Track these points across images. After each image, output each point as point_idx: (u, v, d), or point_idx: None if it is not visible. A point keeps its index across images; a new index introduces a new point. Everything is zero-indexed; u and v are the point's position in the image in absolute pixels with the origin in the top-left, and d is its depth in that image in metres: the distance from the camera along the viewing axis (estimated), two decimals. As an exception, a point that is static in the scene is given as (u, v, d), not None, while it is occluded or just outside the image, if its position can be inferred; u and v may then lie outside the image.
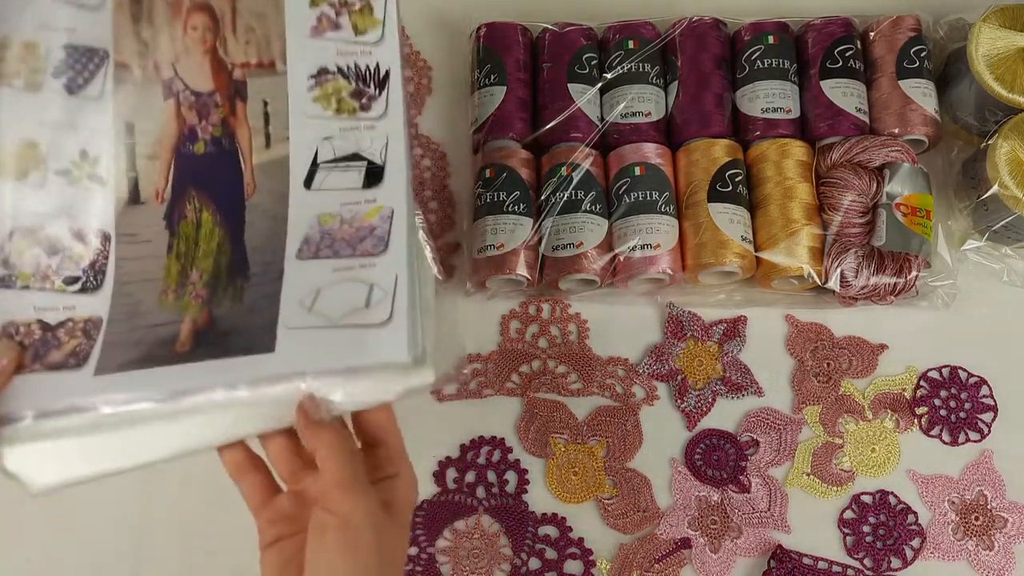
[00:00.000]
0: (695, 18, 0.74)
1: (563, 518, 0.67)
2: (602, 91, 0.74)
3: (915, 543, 0.67)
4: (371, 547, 0.42)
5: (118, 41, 0.49)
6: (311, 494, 0.44)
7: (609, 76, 0.74)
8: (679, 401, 0.70)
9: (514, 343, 0.72)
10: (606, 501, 0.68)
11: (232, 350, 0.45)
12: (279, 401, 0.44)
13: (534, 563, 0.66)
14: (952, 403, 0.70)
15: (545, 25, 0.75)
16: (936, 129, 0.72)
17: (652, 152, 0.71)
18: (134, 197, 0.50)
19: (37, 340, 0.45)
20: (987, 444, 0.69)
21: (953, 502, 0.68)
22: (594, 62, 0.74)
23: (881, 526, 0.67)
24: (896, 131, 0.71)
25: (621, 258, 0.69)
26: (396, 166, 0.50)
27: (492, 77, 0.73)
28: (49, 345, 0.45)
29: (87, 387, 0.44)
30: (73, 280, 0.48)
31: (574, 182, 0.70)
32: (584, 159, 0.71)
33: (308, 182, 0.51)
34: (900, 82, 0.72)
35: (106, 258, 0.48)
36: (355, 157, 0.51)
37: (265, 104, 0.52)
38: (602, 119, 0.73)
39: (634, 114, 0.72)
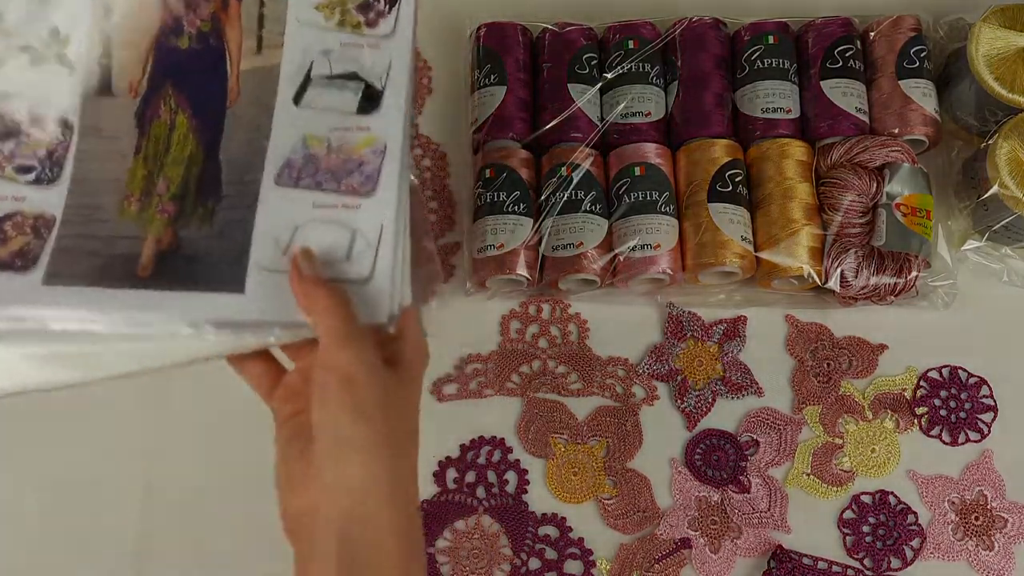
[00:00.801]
0: (695, 18, 0.74)
1: (563, 518, 0.67)
2: (602, 91, 0.74)
3: (915, 543, 0.67)
4: (376, 402, 0.39)
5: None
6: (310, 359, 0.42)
7: (609, 76, 0.74)
8: (679, 401, 0.70)
9: (514, 343, 0.72)
10: (606, 501, 0.68)
11: (198, 281, 0.43)
12: (246, 344, 0.43)
13: (534, 563, 0.66)
14: (952, 403, 0.70)
15: (545, 25, 0.75)
16: (936, 129, 0.72)
17: (652, 152, 0.71)
18: (104, 87, 0.46)
19: None
20: (987, 444, 0.69)
21: (953, 502, 0.68)
22: (594, 62, 0.74)
23: (881, 526, 0.67)
24: (896, 131, 0.71)
25: (621, 258, 0.69)
26: (395, 94, 0.47)
27: (492, 77, 0.73)
28: None
29: (35, 296, 0.41)
30: (26, 169, 0.44)
31: (574, 182, 0.70)
32: (584, 159, 0.70)
33: (298, 97, 0.47)
34: (900, 82, 0.72)
35: (66, 150, 0.44)
36: (353, 76, 0.47)
37: (261, 4, 0.48)
38: (602, 119, 0.73)
39: (634, 114, 0.72)
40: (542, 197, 0.71)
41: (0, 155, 0.44)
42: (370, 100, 0.47)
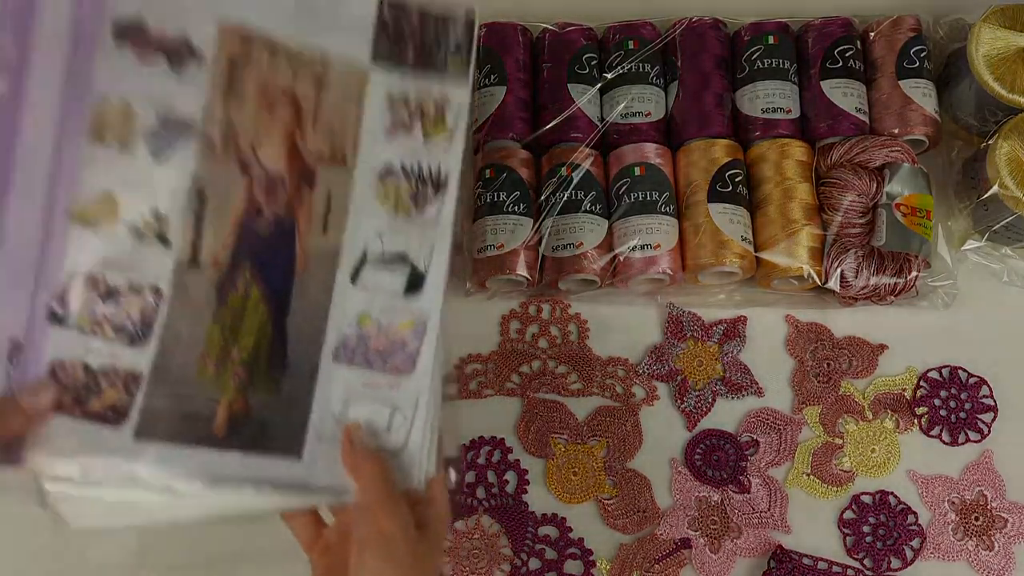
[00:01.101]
0: (695, 18, 0.74)
1: (563, 518, 0.67)
2: (602, 91, 0.74)
3: (915, 543, 0.67)
4: (409, 559, 0.46)
5: (208, 116, 0.51)
6: (352, 518, 0.49)
7: (609, 76, 0.74)
8: (679, 401, 0.70)
9: (514, 343, 0.72)
10: (606, 501, 0.68)
11: (263, 445, 0.49)
12: (297, 503, 0.50)
13: (534, 563, 0.66)
14: (952, 403, 0.70)
15: (545, 25, 0.75)
16: (936, 129, 0.72)
17: (652, 152, 0.71)
18: (193, 261, 0.51)
19: (80, 384, 0.47)
20: (987, 444, 0.69)
21: (953, 502, 0.68)
22: (594, 62, 0.74)
23: (881, 526, 0.67)
24: (896, 131, 0.71)
25: (621, 258, 0.69)
26: (436, 278, 0.54)
27: (492, 77, 0.73)
28: (90, 391, 0.47)
29: (126, 450, 0.46)
30: (122, 329, 0.49)
31: (574, 182, 0.70)
32: (584, 159, 0.71)
33: (354, 276, 0.53)
34: (900, 82, 0.72)
35: (156, 314, 0.50)
36: (401, 258, 0.54)
37: (329, 193, 0.53)
38: (602, 119, 0.73)
39: (634, 114, 0.72)
40: (542, 197, 0.71)
41: (102, 315, 0.49)
42: (415, 282, 0.53)
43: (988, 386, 0.70)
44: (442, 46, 0.55)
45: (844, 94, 0.72)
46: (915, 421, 0.70)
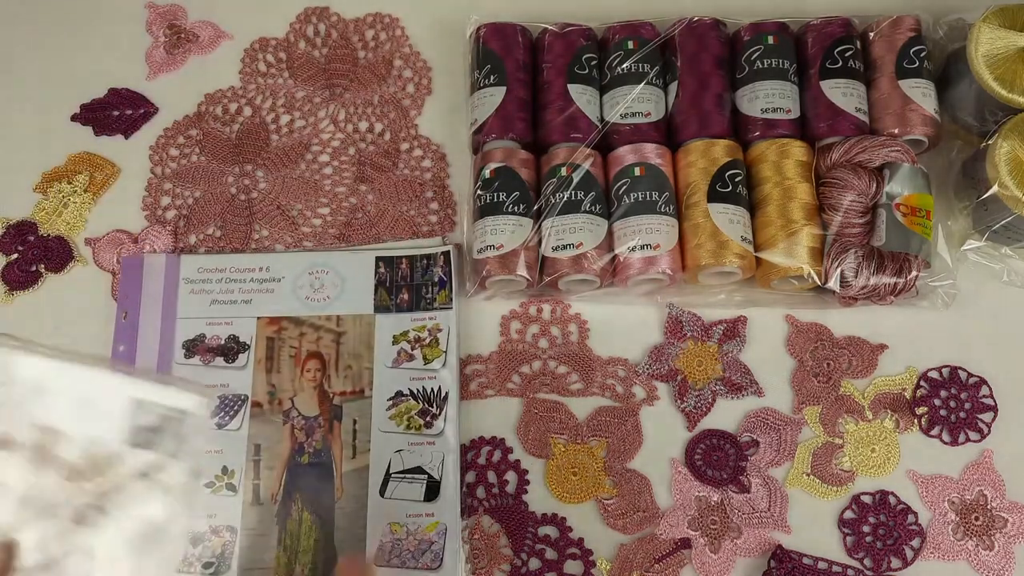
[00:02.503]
0: (695, 18, 0.74)
1: (563, 518, 0.67)
2: (602, 91, 0.74)
3: (915, 543, 0.67)
4: None
5: (255, 387, 0.67)
6: None
7: (609, 76, 0.74)
8: (679, 401, 0.70)
9: (514, 343, 0.72)
10: (606, 501, 0.68)
11: None
12: None
13: (534, 563, 0.66)
14: (952, 403, 0.70)
15: (545, 25, 0.76)
16: (936, 129, 0.72)
17: (652, 152, 0.71)
18: (256, 499, 0.65)
19: None
20: (987, 444, 0.69)
21: (953, 502, 0.68)
22: (594, 62, 0.74)
23: (881, 526, 0.67)
24: (896, 131, 0.71)
25: (621, 258, 0.69)
26: (450, 482, 0.66)
27: (492, 77, 0.73)
28: None
29: None
30: (209, 565, 0.63)
31: (574, 182, 0.70)
32: (584, 159, 0.71)
33: (383, 490, 0.65)
34: (900, 82, 0.72)
35: (233, 547, 0.64)
36: (418, 470, 0.66)
37: (354, 422, 0.67)
38: (602, 119, 0.73)
39: (634, 114, 0.72)
40: (542, 198, 0.71)
41: (193, 557, 0.63)
42: (431, 490, 0.65)
43: (988, 386, 0.70)
44: (429, 286, 0.70)
45: (844, 94, 0.72)
46: (915, 421, 0.70)
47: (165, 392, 0.49)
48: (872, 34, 0.74)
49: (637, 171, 0.70)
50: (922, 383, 0.71)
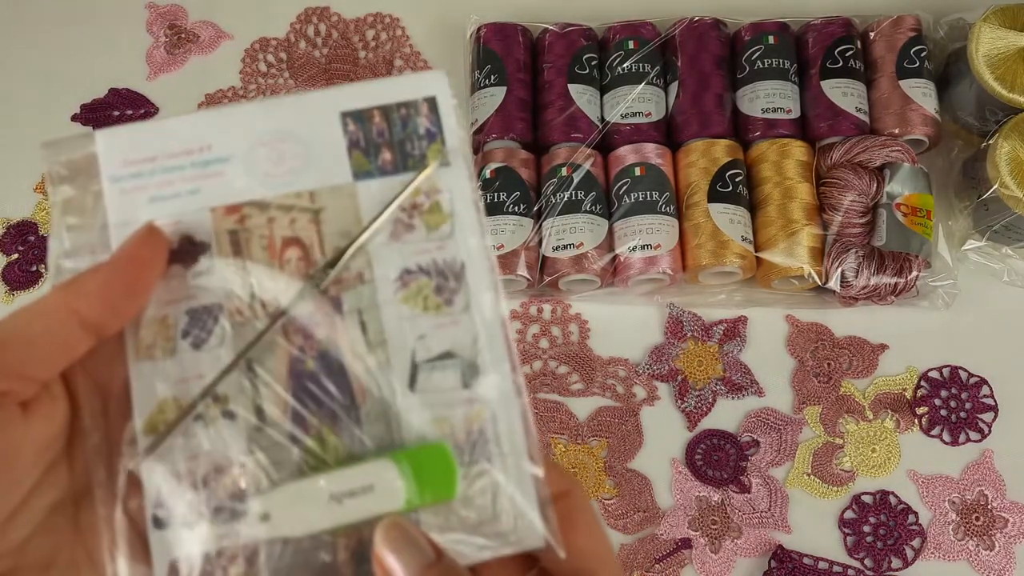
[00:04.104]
0: (695, 18, 0.74)
1: (564, 518, 0.67)
2: (602, 91, 0.74)
3: (916, 543, 0.67)
4: None
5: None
6: None
7: (609, 76, 0.74)
8: (680, 401, 0.70)
9: (515, 344, 0.72)
10: (606, 501, 0.68)
11: None
12: None
13: (535, 563, 0.66)
14: (952, 403, 0.70)
15: (545, 25, 0.75)
16: (936, 129, 0.72)
17: (652, 152, 0.71)
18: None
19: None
20: (987, 444, 0.69)
21: (953, 502, 0.68)
22: (594, 62, 0.74)
23: (881, 526, 0.67)
24: (896, 131, 0.71)
25: (621, 258, 0.69)
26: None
27: (492, 77, 0.73)
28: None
29: None
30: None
31: (574, 182, 0.70)
32: (584, 159, 0.71)
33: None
34: (900, 82, 0.72)
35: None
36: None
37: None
38: (602, 119, 0.73)
39: (634, 114, 0.72)
40: (542, 197, 0.71)
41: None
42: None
43: (988, 386, 0.70)
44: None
45: (844, 94, 0.72)
46: (915, 421, 0.70)
47: (371, 89, 0.42)
48: (872, 34, 0.74)
49: (638, 171, 0.70)
50: (922, 383, 0.71)
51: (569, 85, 0.73)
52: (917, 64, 0.72)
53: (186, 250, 0.53)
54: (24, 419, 0.29)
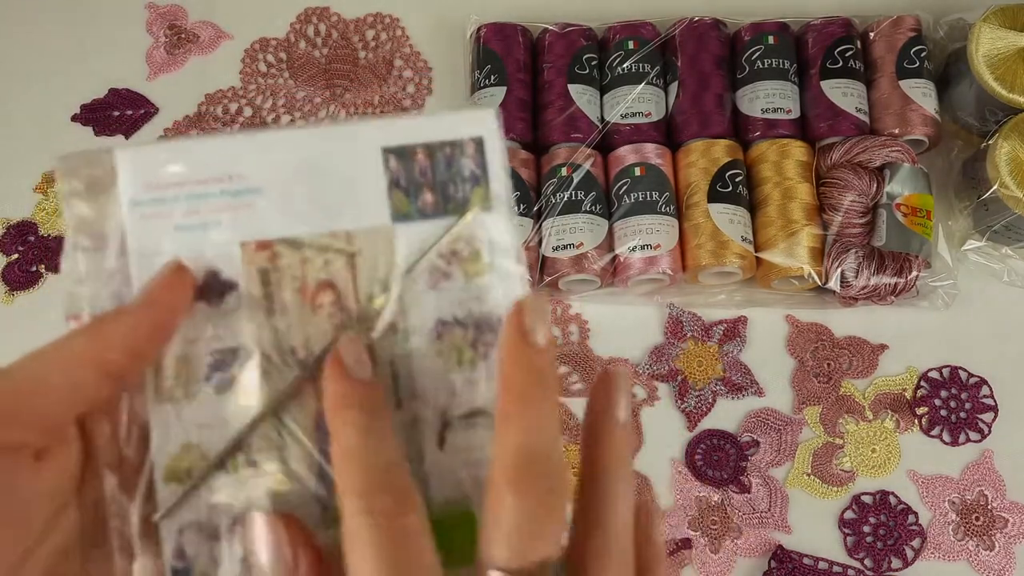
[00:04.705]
0: (695, 18, 0.74)
1: (563, 518, 0.67)
2: (602, 91, 0.74)
3: (915, 543, 0.67)
4: None
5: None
6: None
7: (609, 76, 0.74)
8: (679, 401, 0.70)
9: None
10: (606, 501, 0.68)
11: None
12: None
13: (534, 563, 0.66)
14: (952, 403, 0.70)
15: (545, 25, 0.75)
16: (936, 129, 0.72)
17: (652, 152, 0.71)
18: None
19: None
20: (987, 444, 0.69)
21: (953, 502, 0.68)
22: (594, 62, 0.74)
23: (881, 526, 0.67)
24: (896, 131, 0.71)
25: (621, 258, 0.69)
26: None
27: (492, 77, 0.73)
28: None
29: None
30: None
31: (574, 182, 0.70)
32: (584, 159, 0.71)
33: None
34: (900, 82, 0.72)
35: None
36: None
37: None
38: (602, 119, 0.73)
39: (634, 114, 0.72)
40: (542, 198, 0.71)
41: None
42: None
43: (988, 386, 0.70)
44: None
45: (844, 94, 0.72)
46: (915, 421, 0.70)
47: (416, 125, 0.40)
48: (872, 34, 0.74)
49: (637, 171, 0.70)
50: (922, 383, 0.71)
51: (569, 85, 0.73)
52: (917, 64, 0.72)
53: (212, 286, 0.50)
54: (37, 469, 0.28)
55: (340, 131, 0.47)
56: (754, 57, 0.73)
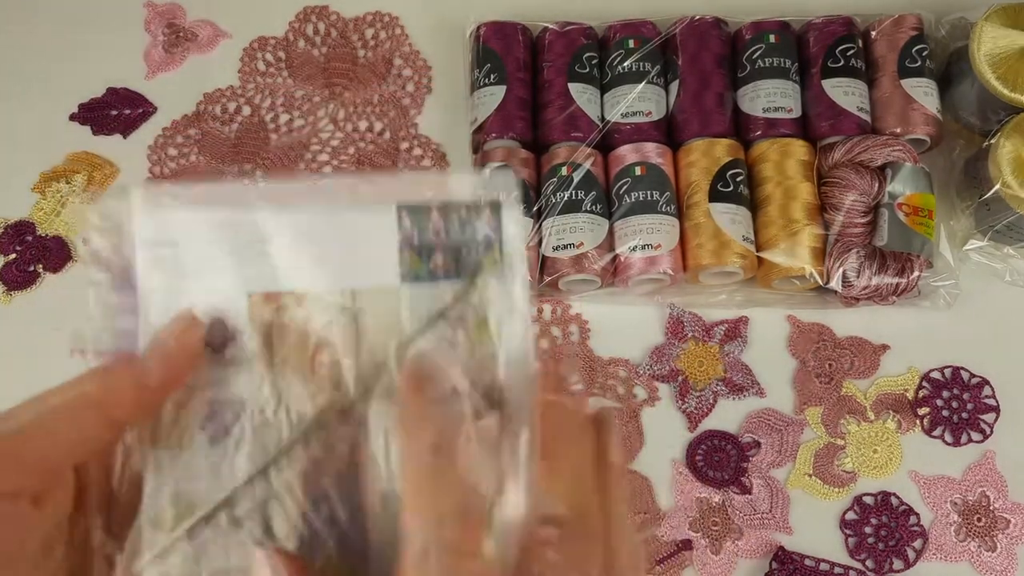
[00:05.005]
0: (696, 17, 0.74)
1: (564, 519, 0.67)
2: (603, 90, 0.74)
3: (917, 544, 0.66)
4: None
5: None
6: None
7: (610, 75, 0.74)
8: (680, 402, 0.70)
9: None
10: (607, 502, 0.68)
11: None
12: None
13: (535, 565, 0.66)
14: (954, 404, 0.70)
15: (545, 24, 0.75)
16: (938, 128, 0.72)
17: (653, 152, 0.71)
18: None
19: None
20: (989, 445, 0.69)
21: (955, 503, 0.67)
22: (594, 61, 0.74)
23: (883, 527, 0.67)
24: (898, 130, 0.71)
25: (622, 258, 0.69)
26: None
27: (492, 76, 0.73)
28: None
29: None
30: None
31: (574, 182, 0.70)
32: (585, 159, 0.70)
33: None
34: (902, 81, 0.71)
35: None
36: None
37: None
38: (603, 119, 0.73)
39: (635, 113, 0.72)
40: (542, 197, 0.70)
41: None
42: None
43: (990, 386, 0.70)
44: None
45: (845, 93, 0.71)
46: (917, 421, 0.70)
47: (434, 183, 0.40)
48: (874, 33, 0.74)
49: (638, 170, 0.70)
50: (924, 383, 0.70)
51: (569, 84, 0.73)
52: (919, 63, 0.72)
53: (216, 334, 0.49)
54: (34, 513, 0.28)
55: (357, 183, 0.46)
56: (755, 56, 0.73)
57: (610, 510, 0.30)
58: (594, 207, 0.69)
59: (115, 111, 0.82)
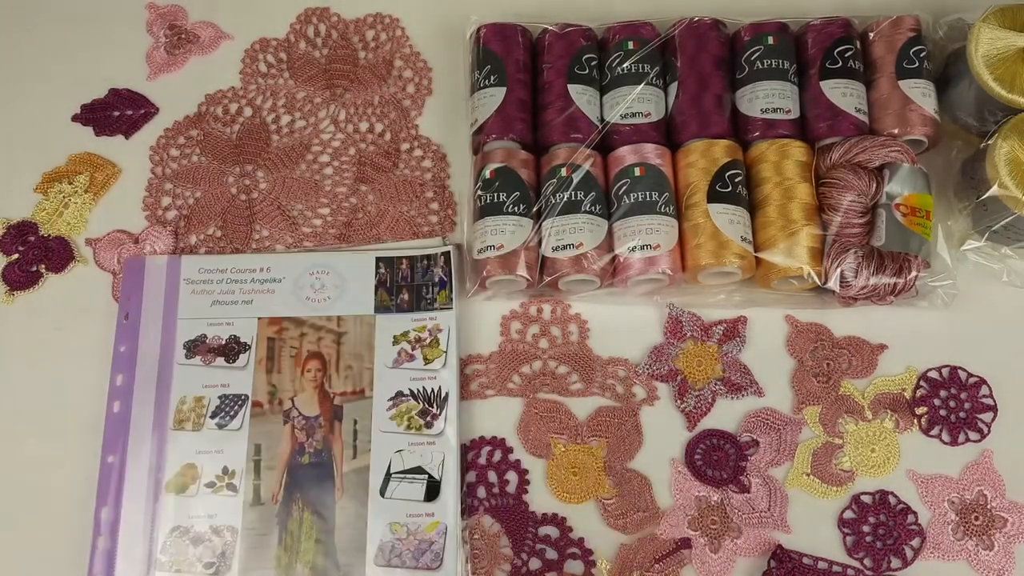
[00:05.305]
0: (695, 19, 0.74)
1: (563, 518, 0.68)
2: (602, 92, 0.74)
3: (915, 543, 0.67)
4: None
5: (256, 387, 0.68)
6: None
7: (609, 77, 0.74)
8: (679, 401, 0.70)
9: (515, 344, 0.72)
10: (606, 501, 0.68)
11: None
12: None
13: (534, 563, 0.66)
14: (952, 403, 0.70)
15: (545, 26, 0.76)
16: (936, 129, 0.72)
17: (652, 153, 0.71)
18: (256, 499, 0.66)
19: None
20: (987, 444, 0.69)
21: (953, 502, 0.68)
22: (594, 63, 0.74)
23: (881, 526, 0.67)
24: (896, 131, 0.71)
25: (621, 258, 0.69)
26: (450, 483, 0.66)
27: (492, 78, 0.73)
28: None
29: None
30: (210, 565, 0.64)
31: (574, 183, 0.70)
32: (584, 160, 0.71)
33: (383, 491, 0.66)
34: (900, 82, 0.72)
35: (234, 548, 0.65)
36: (419, 470, 0.66)
37: (355, 422, 0.68)
38: (602, 120, 0.73)
39: (634, 115, 0.72)
40: (542, 198, 0.71)
41: (194, 556, 0.64)
42: (432, 490, 0.66)
43: (988, 386, 0.71)
44: (429, 286, 0.71)
45: (844, 94, 0.72)
46: (915, 421, 0.70)
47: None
48: (872, 34, 0.74)
49: (637, 171, 0.70)
50: (922, 383, 0.71)
51: (569, 85, 0.73)
52: (916, 64, 0.72)
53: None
54: None
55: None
56: (754, 57, 0.73)
57: None
58: (593, 208, 0.70)
59: (117, 112, 0.82)
